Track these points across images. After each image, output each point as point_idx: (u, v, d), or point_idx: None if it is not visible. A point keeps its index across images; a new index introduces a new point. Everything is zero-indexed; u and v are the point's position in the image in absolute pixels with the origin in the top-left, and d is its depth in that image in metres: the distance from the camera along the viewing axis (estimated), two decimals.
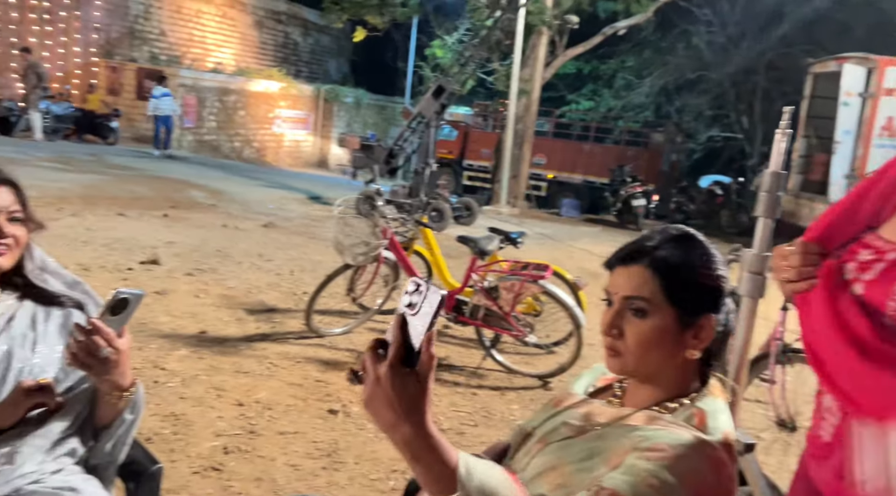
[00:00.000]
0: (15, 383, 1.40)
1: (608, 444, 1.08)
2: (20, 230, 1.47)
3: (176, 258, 6.14)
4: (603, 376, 1.31)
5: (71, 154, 11.94)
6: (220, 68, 20.26)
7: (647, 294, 1.11)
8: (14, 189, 1.49)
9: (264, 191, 11.56)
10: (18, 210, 1.47)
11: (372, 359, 0.84)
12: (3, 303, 1.50)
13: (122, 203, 8.16)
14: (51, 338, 1.51)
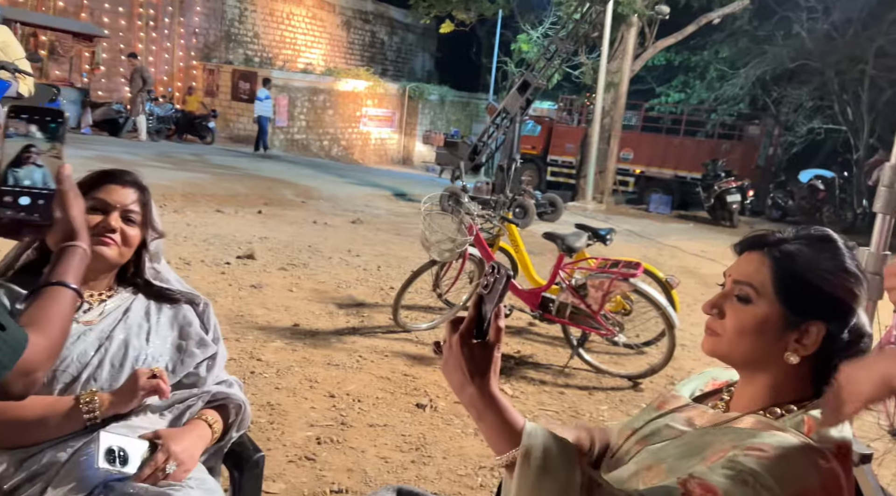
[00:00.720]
0: (132, 371, 1.48)
1: (708, 442, 1.04)
2: (133, 230, 1.55)
3: (270, 253, 6.37)
4: (712, 381, 1.26)
5: (172, 153, 12.58)
6: (309, 69, 20.87)
7: (756, 282, 1.08)
8: (139, 192, 1.57)
9: (352, 188, 11.82)
10: (136, 211, 1.55)
11: (449, 331, 0.99)
12: (119, 295, 1.60)
13: (220, 200, 8.54)
14: (163, 329, 1.59)
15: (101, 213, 1.51)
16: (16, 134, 1.00)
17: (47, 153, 1.01)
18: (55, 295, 1.01)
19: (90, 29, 14.92)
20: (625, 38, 13.67)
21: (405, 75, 25.74)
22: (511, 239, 5.24)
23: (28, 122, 1.01)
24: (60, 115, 1.02)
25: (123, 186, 1.55)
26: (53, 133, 1.02)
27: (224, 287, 5.15)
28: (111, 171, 1.57)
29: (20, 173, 1.00)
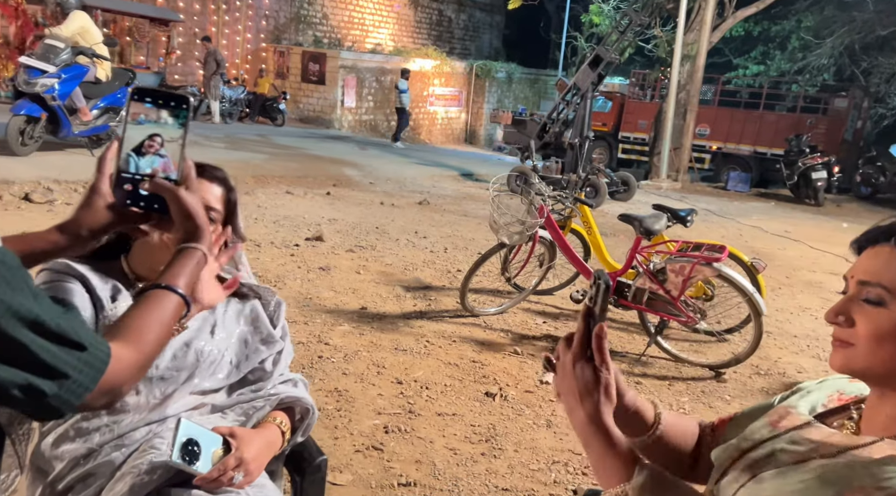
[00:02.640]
0: (195, 363, 1.42)
1: (837, 478, 0.87)
2: (213, 231, 1.47)
3: (338, 234, 6.36)
4: (837, 395, 1.08)
5: (243, 135, 12.80)
6: (378, 49, 20.84)
7: (888, 281, 0.90)
8: (226, 190, 1.49)
9: (418, 169, 11.74)
10: (217, 210, 1.47)
11: (563, 349, 0.93)
12: None
13: (290, 181, 8.60)
14: (229, 323, 1.52)
15: None
16: (145, 120, 0.95)
17: (173, 142, 0.95)
18: (160, 300, 0.90)
19: (166, 14, 15.28)
20: (703, 9, 13.00)
21: (472, 53, 25.43)
22: (584, 220, 5.04)
23: (156, 107, 0.96)
24: (186, 101, 0.96)
25: (210, 182, 1.46)
26: (182, 120, 0.96)
27: (293, 269, 5.15)
28: (201, 164, 1.48)
29: (142, 161, 0.94)
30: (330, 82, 18.10)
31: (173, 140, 0.95)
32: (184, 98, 0.96)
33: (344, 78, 18.16)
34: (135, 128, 0.94)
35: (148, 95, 0.95)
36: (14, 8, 12.03)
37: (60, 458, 1.32)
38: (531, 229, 4.32)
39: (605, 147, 16.91)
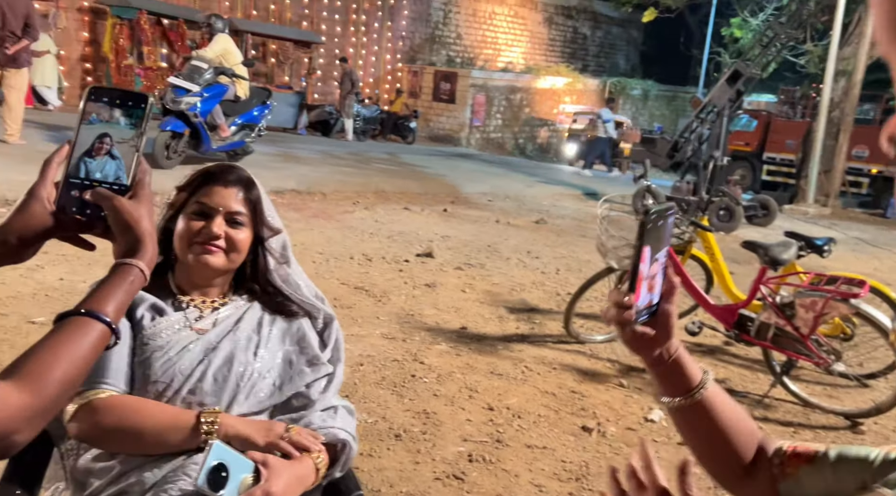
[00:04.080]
0: (236, 386, 1.37)
1: None
2: (240, 234, 1.44)
3: (449, 251, 6.33)
4: None
5: (371, 152, 13.20)
6: (509, 67, 20.90)
7: None
8: (245, 190, 1.45)
9: (540, 187, 11.55)
10: (242, 212, 1.43)
11: None
12: (233, 303, 1.49)
13: (409, 198, 8.72)
14: (273, 343, 1.47)
15: (204, 218, 1.41)
16: (97, 119, 0.86)
17: (126, 142, 0.86)
18: (77, 331, 0.77)
19: (309, 37, 16.15)
20: (861, 20, 11.90)
21: (607, 70, 24.90)
22: (706, 247, 4.66)
23: (110, 106, 0.87)
24: (144, 100, 0.88)
25: (226, 187, 1.43)
26: (136, 119, 0.87)
27: (399, 285, 5.15)
28: (213, 169, 1.45)
29: (92, 165, 0.86)
30: (460, 101, 18.34)
31: (124, 141, 0.86)
32: (142, 96, 0.88)
33: (474, 96, 18.34)
34: (87, 129, 0.86)
35: (105, 95, 0.87)
36: (179, 34, 13.18)
37: (97, 475, 1.31)
38: None
39: (748, 168, 15.87)
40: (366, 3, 18.18)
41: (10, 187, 5.45)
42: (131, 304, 1.41)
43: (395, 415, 3.19)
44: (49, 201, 0.83)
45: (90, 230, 0.87)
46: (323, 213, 7.21)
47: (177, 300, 1.45)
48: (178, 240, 1.42)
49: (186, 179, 1.45)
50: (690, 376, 0.92)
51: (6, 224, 0.82)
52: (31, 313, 3.61)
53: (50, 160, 0.86)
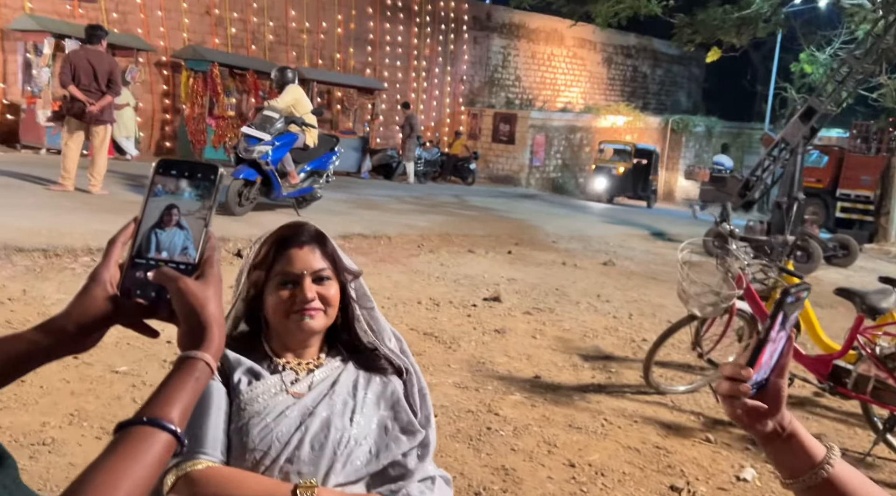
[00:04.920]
0: (333, 454, 1.33)
1: None
2: (330, 288, 1.42)
3: (516, 295, 6.23)
4: None
5: (433, 195, 13.28)
6: (568, 107, 20.92)
7: None
8: (320, 246, 1.43)
9: (605, 227, 11.37)
10: (325, 268, 1.41)
11: None
12: (328, 365, 1.46)
13: (473, 241, 8.69)
14: (368, 408, 1.43)
15: (292, 285, 1.39)
16: (163, 192, 0.81)
17: (193, 215, 0.81)
18: (140, 443, 0.69)
19: (373, 83, 16.56)
20: None
21: (668, 108, 24.65)
22: None
23: (178, 178, 0.81)
24: (214, 171, 0.82)
25: (301, 248, 1.41)
26: (205, 191, 0.81)
27: (468, 330, 5.08)
28: (283, 236, 1.43)
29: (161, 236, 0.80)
30: (519, 142, 18.42)
31: (191, 213, 0.80)
32: (212, 168, 0.82)
33: (533, 137, 18.38)
34: (154, 202, 0.81)
35: (174, 167, 0.82)
36: (249, 85, 13.70)
37: None
38: (727, 301, 3.87)
39: (821, 205, 15.29)
40: (426, 50, 18.58)
41: (93, 237, 5.66)
42: (227, 368, 1.39)
43: (473, 470, 3.08)
44: (111, 285, 0.78)
45: (154, 315, 0.80)
46: (389, 257, 7.23)
47: (272, 363, 1.43)
48: (274, 313, 1.41)
49: (260, 255, 1.42)
50: (811, 452, 0.85)
51: (66, 312, 0.76)
52: (115, 362, 3.68)
53: (115, 239, 0.80)
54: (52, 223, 6.00)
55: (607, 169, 17.73)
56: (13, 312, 4.08)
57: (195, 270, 0.79)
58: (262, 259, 1.42)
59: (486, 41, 20.03)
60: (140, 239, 0.80)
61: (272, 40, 15.51)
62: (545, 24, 21.37)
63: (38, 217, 6.16)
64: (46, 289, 4.62)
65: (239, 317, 1.49)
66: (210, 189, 0.81)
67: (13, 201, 6.80)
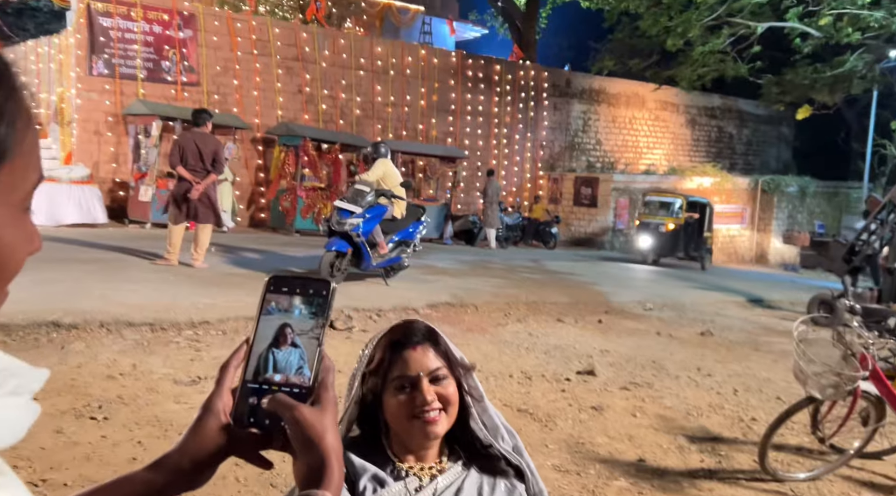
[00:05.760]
0: None
1: None
2: (448, 387, 1.37)
3: (611, 368, 6.02)
4: None
5: (517, 260, 13.22)
6: (652, 169, 20.68)
7: None
8: (433, 344, 1.40)
9: (698, 293, 10.95)
10: (440, 367, 1.37)
11: None
12: (451, 471, 1.41)
13: (561, 308, 8.53)
14: None
15: (409, 388, 1.36)
16: (276, 309, 0.78)
17: (306, 334, 0.77)
18: None
19: (454, 152, 16.92)
20: None
21: (756, 168, 23.97)
22: None
23: (290, 295, 0.78)
24: (327, 287, 0.79)
25: (415, 349, 1.37)
26: (318, 308, 0.78)
27: (564, 407, 4.91)
28: (395, 339, 1.40)
29: (277, 355, 0.77)
30: (602, 205, 18.26)
31: (304, 332, 0.77)
32: (324, 283, 0.79)
33: (616, 199, 18.18)
34: (266, 321, 0.77)
35: (285, 284, 0.79)
36: (337, 158, 14.26)
37: None
38: (850, 383, 3.59)
39: None
40: (507, 117, 18.90)
41: (196, 311, 5.90)
42: (353, 474, 1.36)
43: None
44: (225, 413, 0.74)
45: (268, 445, 0.75)
46: (477, 327, 7.17)
47: (395, 468, 1.39)
48: (395, 417, 1.37)
49: (375, 361, 1.40)
50: None
51: (181, 447, 0.72)
52: None
53: (227, 364, 0.76)
54: (158, 297, 6.29)
55: (654, 225, 15.52)
56: (124, 387, 4.25)
57: (310, 394, 0.75)
58: (378, 365, 1.40)
59: (566, 107, 20.21)
60: (253, 362, 0.77)
61: (359, 114, 16.17)
62: (626, 89, 21.41)
63: (146, 291, 6.47)
64: (154, 363, 4.80)
65: (352, 421, 1.47)
66: (323, 306, 0.78)
67: (123, 275, 7.20)
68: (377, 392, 1.41)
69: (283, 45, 14.99)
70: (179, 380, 4.51)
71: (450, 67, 17.81)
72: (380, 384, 1.40)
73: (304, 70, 15.26)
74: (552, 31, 27.25)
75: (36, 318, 5.18)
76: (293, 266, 8.99)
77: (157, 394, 4.22)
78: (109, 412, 3.84)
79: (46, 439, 3.40)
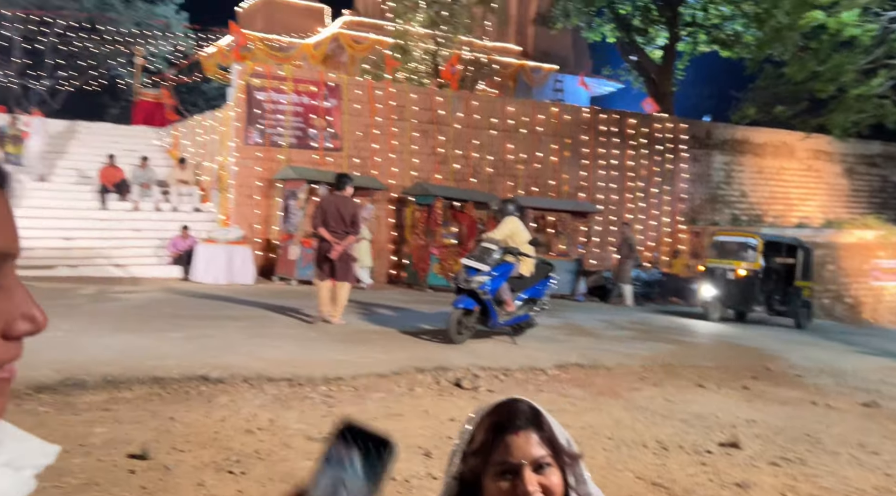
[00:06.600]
0: None
1: None
2: (552, 476, 1.31)
3: (757, 441, 5.53)
4: None
5: (655, 319, 12.66)
6: (805, 222, 19.31)
7: None
8: (538, 429, 1.34)
9: (861, 358, 9.92)
10: (544, 455, 1.31)
11: None
12: None
13: (701, 372, 8.02)
14: None
15: (511, 476, 1.31)
16: (335, 461, 0.73)
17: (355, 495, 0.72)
18: None
19: (587, 207, 16.72)
20: None
21: None
22: None
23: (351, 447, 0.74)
24: (387, 447, 0.74)
25: (518, 433, 1.32)
26: (372, 471, 0.73)
27: (703, 482, 4.56)
28: (498, 421, 1.35)
29: None
30: None
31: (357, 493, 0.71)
32: (386, 443, 0.74)
33: None
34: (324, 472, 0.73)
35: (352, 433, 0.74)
36: (469, 216, 14.56)
37: None
38: None
39: None
40: (642, 170, 18.48)
41: (330, 367, 6.14)
42: None
43: None
44: None
45: None
46: (609, 390, 6.89)
47: None
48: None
49: (477, 443, 1.36)
50: None
51: None
52: None
53: None
54: (298, 353, 6.63)
55: (720, 271, 12.84)
56: (261, 442, 4.46)
57: None
58: (480, 447, 1.37)
59: (706, 158, 19.46)
60: None
61: (491, 172, 16.47)
62: (772, 138, 20.32)
63: (288, 347, 6.85)
64: (289, 417, 5.01)
65: None
66: (378, 470, 0.73)
67: (269, 331, 7.67)
68: (478, 473, 1.38)
69: (419, 109, 15.70)
70: (312, 436, 4.67)
71: (582, 122, 17.80)
72: (481, 466, 1.37)
73: (438, 132, 15.85)
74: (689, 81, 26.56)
75: (188, 372, 5.61)
76: (424, 323, 9.15)
77: (290, 449, 4.39)
78: (246, 466, 4.04)
79: (189, 491, 3.63)
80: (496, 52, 22.07)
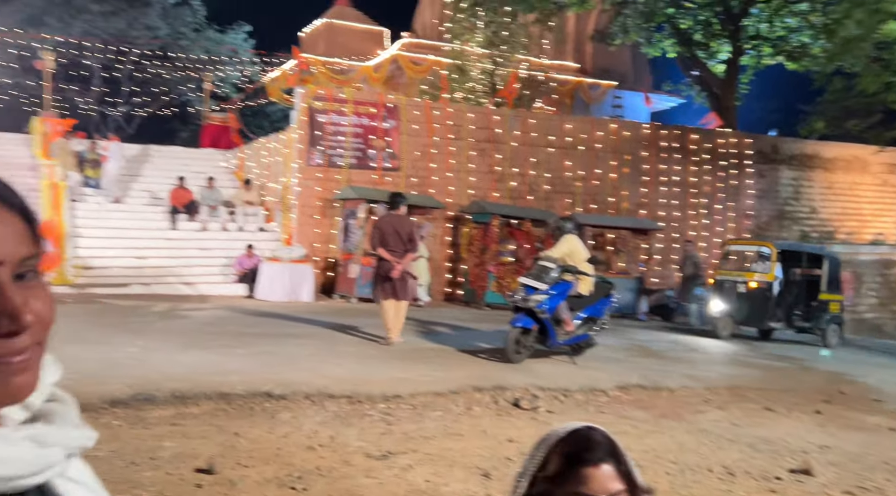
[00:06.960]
0: None
1: None
2: None
3: (832, 468, 5.29)
4: None
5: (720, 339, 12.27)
6: (880, 239, 18.47)
7: None
8: (615, 462, 1.32)
9: None
10: (620, 490, 1.29)
11: None
12: None
13: (770, 395, 7.73)
14: None
15: None
16: None
17: None
18: None
19: (647, 224, 16.41)
20: None
21: None
22: None
23: None
24: None
25: (596, 466, 1.29)
26: None
27: None
28: (575, 451, 1.32)
29: None
30: None
31: None
32: None
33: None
34: None
35: None
36: (526, 233, 14.51)
37: None
38: None
39: None
40: (705, 187, 18.06)
41: (388, 385, 6.19)
42: None
43: None
44: None
45: None
46: (672, 413, 6.72)
47: None
48: None
49: (550, 469, 1.32)
50: None
51: None
52: None
53: None
54: (357, 370, 6.72)
55: (730, 284, 11.70)
56: (322, 458, 4.53)
57: None
58: (554, 475, 1.35)
59: (773, 174, 18.88)
60: None
61: (548, 189, 16.38)
62: (843, 152, 19.58)
63: (349, 364, 6.95)
64: (349, 435, 5.08)
65: None
66: None
67: (330, 349, 7.80)
68: None
69: (476, 128, 15.79)
70: (371, 453, 4.71)
71: (642, 139, 17.55)
72: (551, 493, 1.35)
73: (495, 150, 15.89)
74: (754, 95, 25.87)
75: (252, 389, 5.76)
76: (481, 341, 9.13)
77: (350, 466, 4.45)
78: (308, 483, 4.10)
79: None
80: (553, 70, 22.03)
